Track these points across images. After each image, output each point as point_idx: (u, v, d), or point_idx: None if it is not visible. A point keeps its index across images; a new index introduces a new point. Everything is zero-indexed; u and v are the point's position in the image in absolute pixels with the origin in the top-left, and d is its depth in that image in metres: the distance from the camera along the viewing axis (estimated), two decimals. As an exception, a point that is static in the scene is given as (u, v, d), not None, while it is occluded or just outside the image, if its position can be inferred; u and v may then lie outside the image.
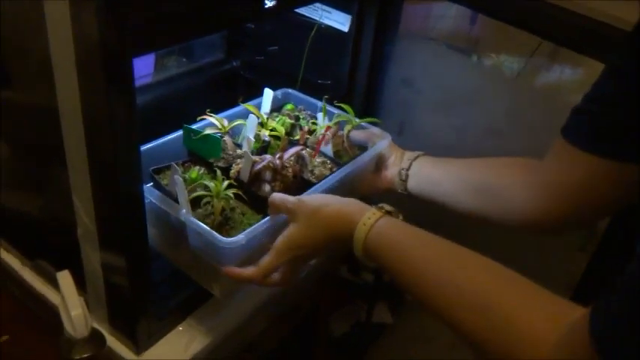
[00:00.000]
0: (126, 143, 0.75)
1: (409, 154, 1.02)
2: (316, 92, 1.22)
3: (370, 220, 0.72)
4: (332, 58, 1.18)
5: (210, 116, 0.99)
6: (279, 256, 0.81)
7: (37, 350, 1.00)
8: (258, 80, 1.31)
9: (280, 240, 0.81)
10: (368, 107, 1.19)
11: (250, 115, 0.99)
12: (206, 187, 0.90)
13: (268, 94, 1.07)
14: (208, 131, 0.96)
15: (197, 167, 0.98)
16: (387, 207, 0.76)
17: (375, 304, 1.57)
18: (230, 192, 0.89)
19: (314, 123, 1.08)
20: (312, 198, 0.83)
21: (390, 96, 1.18)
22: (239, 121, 1.01)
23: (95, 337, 0.92)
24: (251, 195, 0.93)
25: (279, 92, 1.17)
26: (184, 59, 1.24)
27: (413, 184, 0.98)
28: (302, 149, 1.00)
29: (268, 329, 1.15)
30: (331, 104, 1.10)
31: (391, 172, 1.03)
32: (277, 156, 0.94)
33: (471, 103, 1.08)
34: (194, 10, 0.76)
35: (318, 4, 1.14)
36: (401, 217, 0.76)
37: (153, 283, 0.91)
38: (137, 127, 0.77)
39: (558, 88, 1.04)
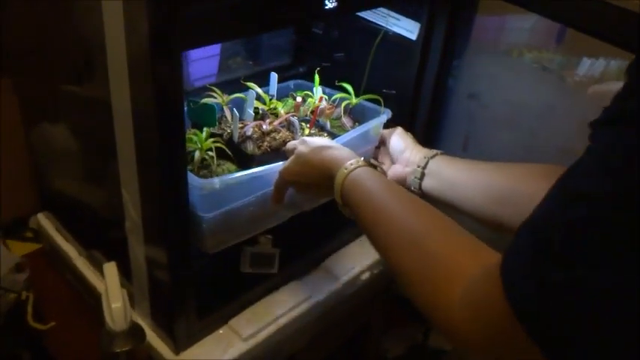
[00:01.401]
0: (172, 139, 0.75)
1: (426, 152, 0.97)
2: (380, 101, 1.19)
3: (351, 167, 0.78)
4: (398, 67, 1.14)
5: (213, 90, 1.03)
6: (280, 179, 0.91)
7: (85, 338, 1.02)
8: (324, 86, 1.29)
9: (281, 168, 0.90)
10: (432, 119, 1.14)
11: (250, 90, 1.03)
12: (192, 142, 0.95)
13: (274, 77, 1.12)
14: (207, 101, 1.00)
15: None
16: (375, 162, 0.82)
17: (432, 327, 1.50)
18: (212, 143, 0.95)
19: (307, 94, 1.13)
20: (314, 140, 0.90)
21: (455, 109, 1.12)
22: (238, 95, 1.05)
23: (135, 331, 0.92)
24: (236, 151, 0.98)
25: (291, 83, 1.22)
26: (250, 62, 1.23)
27: (428, 184, 0.94)
28: (292, 116, 1.04)
29: (313, 343, 1.11)
30: (332, 86, 1.15)
31: (405, 168, 0.98)
32: (267, 121, 1.02)
33: (542, 119, 1.00)
34: (249, 6, 0.74)
35: (386, 11, 1.10)
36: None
37: (196, 283, 0.90)
38: (183, 124, 0.76)
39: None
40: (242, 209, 0.92)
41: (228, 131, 1.01)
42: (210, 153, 0.95)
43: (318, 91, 1.12)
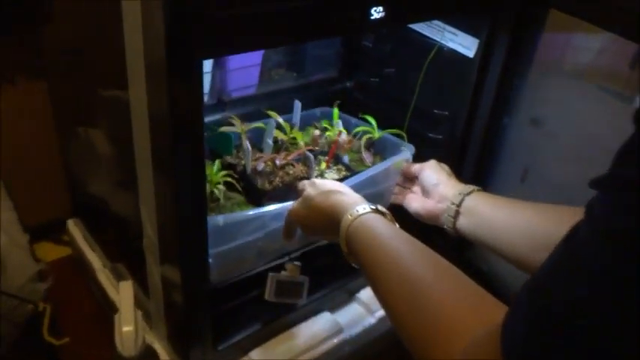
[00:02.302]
0: (188, 150, 0.68)
1: (462, 187, 0.88)
2: (431, 122, 1.09)
3: (357, 213, 0.73)
4: (452, 86, 1.04)
5: (232, 118, 0.99)
6: (287, 222, 0.87)
7: (102, 355, 0.97)
8: (370, 103, 1.20)
9: (290, 208, 0.87)
10: (487, 145, 1.03)
11: (270, 119, 1.00)
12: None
13: (297, 106, 1.08)
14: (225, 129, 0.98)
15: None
16: (383, 209, 0.75)
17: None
18: (222, 177, 0.92)
19: (327, 129, 1.08)
20: (323, 183, 0.87)
21: (515, 136, 1.01)
22: (257, 124, 1.01)
23: (147, 356, 0.87)
24: (247, 186, 0.95)
25: (317, 110, 1.16)
26: (294, 73, 1.16)
27: (463, 223, 0.85)
28: (308, 150, 1.00)
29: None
30: (356, 116, 1.12)
31: (438, 204, 0.90)
32: (282, 155, 0.98)
33: (613, 153, 0.88)
34: (280, 15, 0.67)
35: (442, 25, 1.01)
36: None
37: (214, 309, 0.84)
38: (202, 140, 0.69)
39: None
40: (249, 245, 0.87)
41: (243, 162, 0.97)
42: (219, 187, 0.91)
43: (337, 124, 1.08)
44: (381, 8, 0.78)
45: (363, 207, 0.74)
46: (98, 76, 0.92)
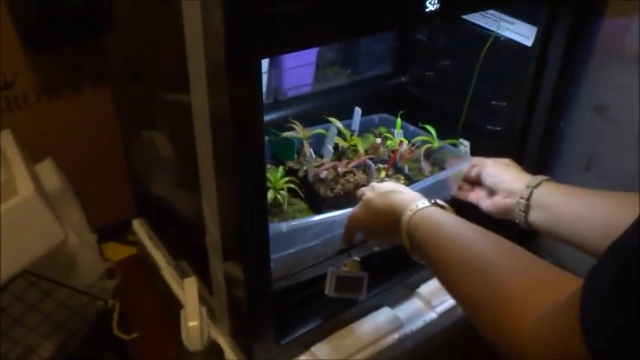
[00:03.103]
0: (248, 149, 0.70)
1: (529, 179, 0.85)
2: (489, 114, 1.07)
3: (417, 208, 0.74)
4: (510, 77, 1.01)
5: (294, 123, 1.02)
6: (347, 228, 0.88)
7: (169, 350, 1.00)
8: (426, 97, 1.19)
9: (350, 214, 0.87)
10: (549, 134, 1.00)
11: (330, 125, 1.02)
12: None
13: (357, 112, 1.09)
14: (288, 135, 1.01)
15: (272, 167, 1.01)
16: (442, 203, 0.76)
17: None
18: (285, 183, 0.93)
19: (387, 138, 1.09)
20: (382, 185, 0.88)
21: (577, 124, 0.98)
22: (318, 130, 1.03)
23: (212, 351, 0.89)
24: (309, 192, 0.96)
25: (375, 116, 1.16)
26: (348, 70, 1.17)
27: (537, 218, 0.83)
28: (370, 159, 1.02)
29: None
30: (413, 114, 1.12)
31: (506, 199, 0.88)
32: (344, 162, 1.00)
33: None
34: (339, 9, 0.67)
35: (498, 14, 0.99)
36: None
37: (276, 305, 0.85)
38: (262, 139, 0.71)
39: None
40: (308, 251, 0.89)
41: (305, 168, 0.99)
42: (282, 192, 0.93)
43: (399, 134, 1.08)
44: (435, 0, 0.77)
45: (422, 202, 0.75)
46: (160, 79, 0.95)
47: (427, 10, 0.77)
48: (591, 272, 0.43)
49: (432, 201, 0.75)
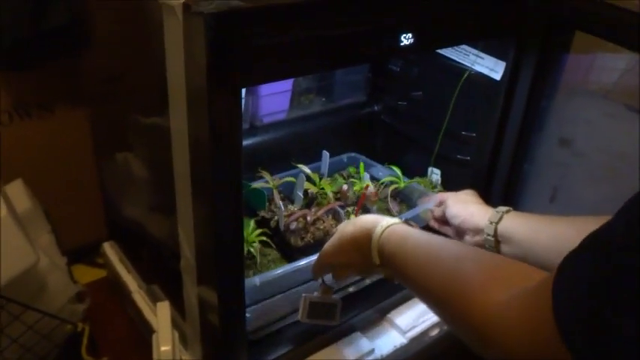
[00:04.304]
0: (226, 174, 0.71)
1: (491, 214, 0.88)
2: (459, 144, 1.11)
3: (388, 223, 0.76)
4: (479, 108, 1.05)
5: (263, 172, 1.07)
6: (318, 263, 0.88)
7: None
8: (398, 126, 1.22)
9: (320, 252, 0.88)
10: (516, 165, 1.04)
11: (300, 173, 1.06)
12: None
13: (326, 156, 1.14)
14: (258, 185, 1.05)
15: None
16: (412, 223, 0.78)
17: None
18: (257, 236, 0.97)
19: (353, 181, 1.13)
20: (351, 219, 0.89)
21: (543, 156, 1.02)
22: (288, 179, 1.08)
23: (184, 376, 0.88)
24: (281, 242, 1.00)
25: (344, 156, 1.22)
26: (323, 98, 1.19)
27: (507, 251, 0.85)
28: (338, 205, 1.05)
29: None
30: (388, 156, 1.18)
31: (475, 237, 0.91)
32: (312, 210, 1.03)
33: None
34: (319, 42, 0.70)
35: (468, 48, 1.03)
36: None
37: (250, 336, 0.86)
38: (241, 165, 0.72)
39: None
40: (283, 299, 0.93)
41: (276, 217, 1.03)
42: (255, 245, 0.97)
43: (364, 177, 1.14)
44: (410, 35, 0.80)
45: (392, 220, 0.77)
46: (137, 101, 0.95)
47: (402, 44, 0.80)
48: (567, 259, 0.45)
49: (403, 220, 0.78)
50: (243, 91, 1.03)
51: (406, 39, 0.80)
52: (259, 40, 0.64)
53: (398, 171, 1.11)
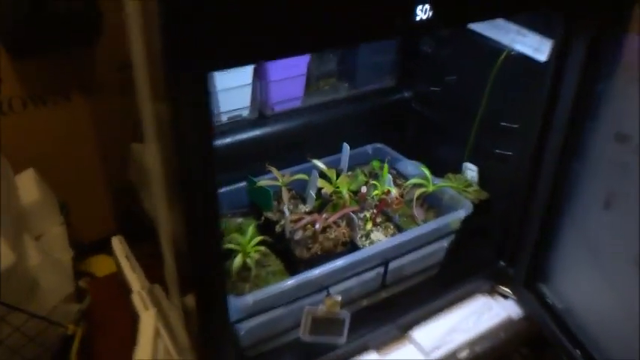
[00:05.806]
0: (195, 176, 0.61)
1: None
2: (498, 136, 0.96)
3: None
4: (522, 96, 0.90)
5: (270, 169, 0.95)
6: None
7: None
8: (430, 114, 1.08)
9: None
10: (564, 164, 0.88)
11: (313, 170, 0.94)
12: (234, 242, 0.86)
13: (346, 149, 1.00)
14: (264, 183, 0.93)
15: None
16: None
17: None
18: (255, 247, 0.85)
19: (374, 184, 0.98)
20: None
21: (597, 153, 0.86)
22: (299, 176, 0.95)
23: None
24: (285, 250, 0.88)
25: (369, 147, 1.08)
26: (345, 84, 1.06)
27: None
28: (352, 210, 0.91)
29: None
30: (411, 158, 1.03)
31: None
32: (323, 217, 0.89)
33: None
34: (296, 18, 0.58)
35: (508, 24, 0.87)
36: None
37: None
38: (213, 164, 0.61)
39: None
40: (281, 317, 0.83)
41: (282, 222, 0.90)
42: (252, 256, 0.86)
43: (386, 180, 0.98)
44: (427, 7, 0.66)
45: None
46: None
47: (418, 19, 0.67)
48: None
49: None
50: (248, 76, 0.93)
51: (423, 12, 0.67)
52: (226, 17, 0.53)
53: (427, 171, 0.98)
